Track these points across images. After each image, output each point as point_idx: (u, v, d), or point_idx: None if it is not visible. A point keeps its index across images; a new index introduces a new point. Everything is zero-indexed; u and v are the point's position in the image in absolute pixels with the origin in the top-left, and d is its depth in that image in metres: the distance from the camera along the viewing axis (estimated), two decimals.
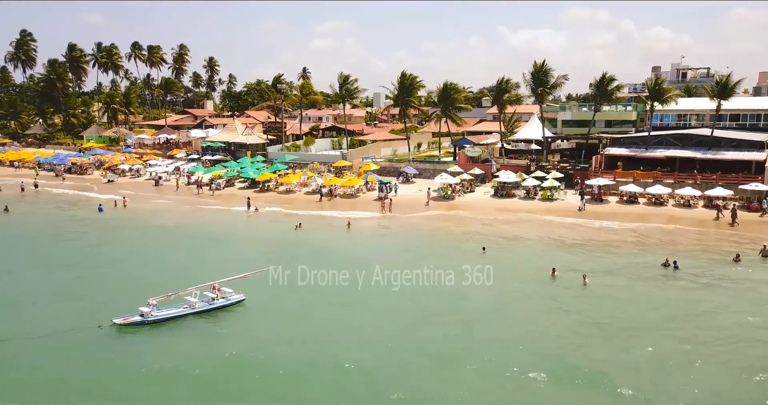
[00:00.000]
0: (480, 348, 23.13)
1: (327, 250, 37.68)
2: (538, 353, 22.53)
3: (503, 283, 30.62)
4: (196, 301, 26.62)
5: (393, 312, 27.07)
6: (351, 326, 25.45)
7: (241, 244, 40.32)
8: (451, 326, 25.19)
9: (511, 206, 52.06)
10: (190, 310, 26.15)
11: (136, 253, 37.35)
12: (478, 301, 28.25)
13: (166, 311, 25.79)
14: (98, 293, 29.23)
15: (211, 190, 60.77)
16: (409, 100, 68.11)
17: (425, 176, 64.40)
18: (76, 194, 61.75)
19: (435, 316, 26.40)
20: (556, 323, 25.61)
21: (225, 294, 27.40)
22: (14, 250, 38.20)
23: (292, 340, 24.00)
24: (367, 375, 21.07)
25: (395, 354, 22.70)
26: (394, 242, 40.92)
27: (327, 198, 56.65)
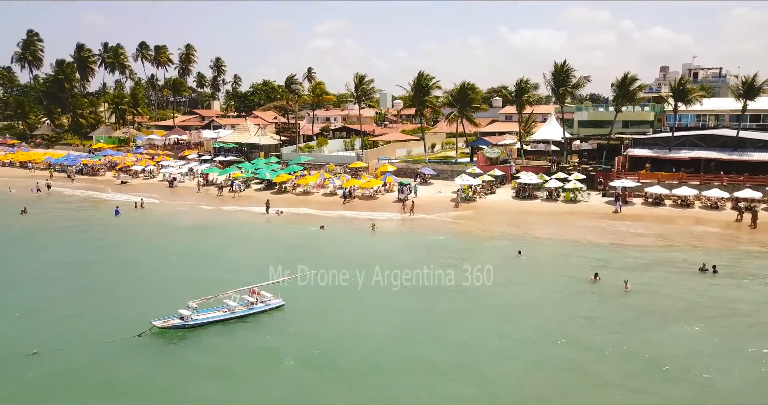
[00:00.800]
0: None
1: (357, 252, 36.99)
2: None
3: (547, 289, 29.96)
4: (236, 304, 25.86)
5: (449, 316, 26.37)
6: (396, 326, 24.78)
7: (268, 247, 39.38)
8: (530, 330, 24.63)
9: (535, 208, 51.39)
10: (230, 315, 25.37)
11: (162, 257, 36.51)
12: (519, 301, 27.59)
13: (206, 315, 25.04)
14: (130, 298, 28.41)
15: (234, 192, 59.84)
16: (425, 100, 67.31)
17: (442, 177, 63.75)
18: (90, 196, 60.96)
19: (508, 322, 25.68)
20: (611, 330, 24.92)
21: (264, 298, 26.67)
22: (38, 255, 37.22)
23: (346, 346, 23.27)
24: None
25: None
26: (423, 244, 40.03)
27: (348, 200, 55.93)
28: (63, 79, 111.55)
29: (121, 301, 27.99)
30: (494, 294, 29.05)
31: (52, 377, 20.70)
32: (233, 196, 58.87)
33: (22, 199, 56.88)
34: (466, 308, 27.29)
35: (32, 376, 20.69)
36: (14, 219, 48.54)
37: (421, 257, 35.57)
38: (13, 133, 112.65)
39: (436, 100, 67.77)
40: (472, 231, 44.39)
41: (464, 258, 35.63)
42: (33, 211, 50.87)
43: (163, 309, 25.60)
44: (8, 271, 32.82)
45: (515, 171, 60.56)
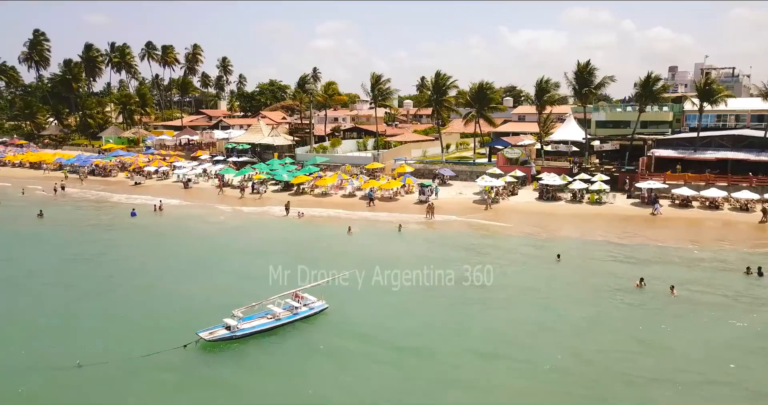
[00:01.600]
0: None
1: (389, 254, 36.07)
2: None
3: (592, 295, 29.07)
4: (281, 310, 24.92)
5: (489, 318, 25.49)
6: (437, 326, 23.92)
7: (299, 249, 38.28)
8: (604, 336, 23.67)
9: (561, 210, 50.49)
10: (276, 322, 24.41)
11: (196, 262, 35.15)
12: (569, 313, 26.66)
13: (251, 322, 24.07)
14: (169, 306, 27.43)
15: (258, 194, 58.71)
16: (443, 100, 66.36)
17: (461, 178, 62.84)
18: (104, 197, 59.97)
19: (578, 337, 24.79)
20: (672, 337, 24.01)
21: (308, 301, 25.75)
22: (66, 261, 36.12)
23: (403, 354, 22.45)
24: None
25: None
26: (454, 246, 39.14)
27: (372, 202, 54.96)
28: (71, 79, 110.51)
29: (159, 309, 26.99)
30: (546, 303, 28.15)
31: (99, 390, 19.79)
32: (257, 197, 57.78)
33: (36, 202, 55.94)
34: (522, 316, 26.42)
35: (78, 389, 19.81)
36: (32, 222, 47.56)
37: (457, 259, 34.67)
38: (20, 133, 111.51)
39: (455, 99, 66.55)
40: (502, 233, 43.40)
41: (501, 261, 34.76)
42: (49, 213, 49.87)
43: (205, 318, 24.71)
44: (41, 279, 31.66)
45: (536, 172, 59.67)
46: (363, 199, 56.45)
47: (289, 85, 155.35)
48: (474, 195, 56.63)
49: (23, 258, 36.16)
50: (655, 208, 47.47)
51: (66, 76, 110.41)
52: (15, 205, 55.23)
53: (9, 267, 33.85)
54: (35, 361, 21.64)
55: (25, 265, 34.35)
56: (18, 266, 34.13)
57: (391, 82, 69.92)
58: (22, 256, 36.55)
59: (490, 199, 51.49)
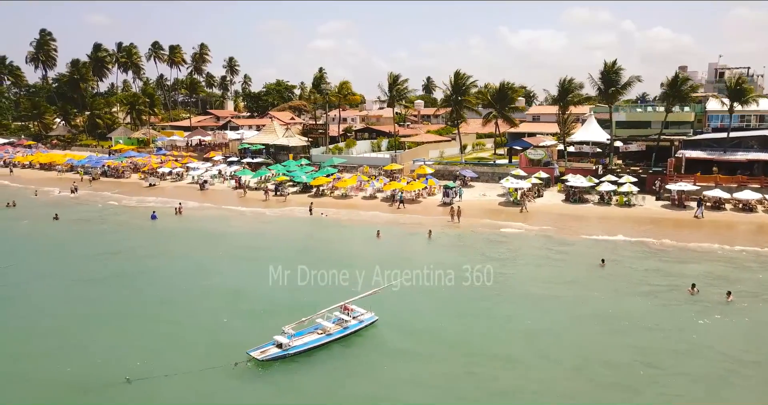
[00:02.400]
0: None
1: (430, 262, 34.63)
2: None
3: (651, 304, 27.73)
4: (331, 325, 23.53)
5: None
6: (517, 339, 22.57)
7: (330, 256, 36.77)
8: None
9: (589, 212, 49.14)
10: (327, 337, 23.02)
11: (230, 268, 33.65)
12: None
13: (302, 339, 22.65)
14: (213, 317, 26.01)
15: (283, 196, 57.12)
16: (463, 99, 64.96)
17: (482, 179, 61.47)
18: (120, 199, 58.44)
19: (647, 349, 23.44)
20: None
21: (357, 314, 24.36)
22: (92, 271, 34.62)
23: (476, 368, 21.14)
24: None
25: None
26: (495, 253, 37.69)
27: (390, 203, 53.58)
28: (79, 79, 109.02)
29: (204, 321, 25.63)
30: (597, 310, 26.81)
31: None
32: (282, 199, 56.16)
33: (50, 204, 54.52)
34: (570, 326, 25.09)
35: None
36: (50, 226, 46.16)
37: (500, 266, 33.30)
38: (28, 133, 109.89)
39: (475, 99, 65.23)
40: (538, 236, 41.91)
41: (547, 266, 33.45)
42: (66, 216, 48.53)
43: (250, 330, 23.40)
44: (76, 291, 30.12)
45: (559, 173, 58.34)
46: (385, 200, 55.11)
47: (296, 85, 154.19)
48: (498, 197, 55.28)
49: (52, 267, 34.52)
50: (699, 210, 46.08)
51: (74, 76, 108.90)
52: (32, 207, 53.85)
53: (37, 277, 32.37)
54: (82, 376, 20.46)
55: (56, 276, 32.83)
56: (50, 277, 32.57)
57: (408, 82, 68.24)
58: (49, 265, 34.96)
59: (525, 202, 49.84)
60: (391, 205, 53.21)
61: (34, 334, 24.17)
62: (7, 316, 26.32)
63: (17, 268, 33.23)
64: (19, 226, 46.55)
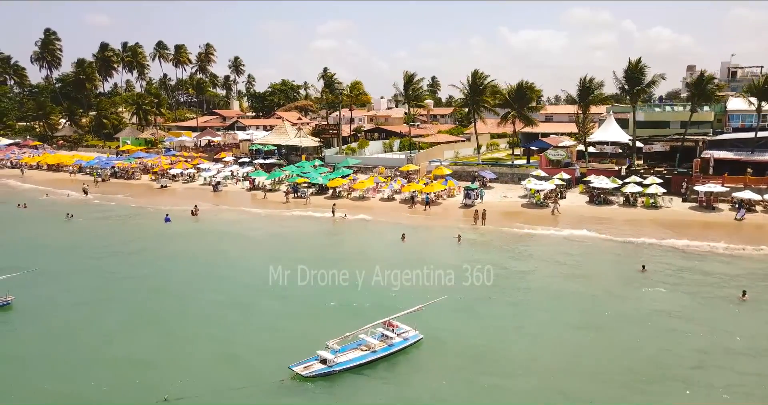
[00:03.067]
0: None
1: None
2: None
3: (707, 314, 26.31)
4: (375, 341, 22.06)
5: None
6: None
7: (359, 262, 34.98)
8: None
9: (616, 214, 47.68)
10: (373, 355, 21.54)
11: (257, 277, 31.54)
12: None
13: (347, 355, 21.21)
14: (246, 328, 24.63)
15: (304, 198, 55.27)
16: (481, 99, 63.46)
17: (501, 180, 60.00)
18: (132, 201, 56.96)
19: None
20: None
21: (401, 331, 22.85)
22: (113, 278, 33.17)
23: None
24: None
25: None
26: (531, 259, 36.22)
27: (410, 205, 52.16)
28: (84, 79, 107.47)
29: (237, 333, 24.23)
30: (659, 320, 25.38)
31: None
32: (305, 202, 54.44)
33: (63, 206, 53.05)
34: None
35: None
36: (63, 229, 44.77)
37: (541, 274, 31.90)
38: (33, 134, 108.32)
39: (493, 99, 63.67)
40: (570, 240, 40.39)
41: (589, 274, 32.03)
42: (79, 218, 47.19)
43: (290, 343, 21.97)
44: (99, 302, 28.64)
45: (580, 174, 56.94)
46: (403, 202, 53.70)
47: (301, 85, 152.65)
48: (520, 198, 53.86)
49: (78, 278, 32.81)
50: (740, 213, 44.63)
51: (80, 76, 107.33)
52: (46, 210, 52.45)
53: (63, 289, 30.82)
54: (118, 397, 19.10)
55: (77, 286, 31.38)
56: (73, 287, 31.10)
57: (424, 81, 66.65)
58: (74, 276, 33.22)
59: (557, 205, 48.27)
60: (410, 207, 51.80)
61: (65, 351, 22.71)
62: (36, 332, 24.85)
63: (42, 275, 31.37)
64: (33, 227, 45.09)
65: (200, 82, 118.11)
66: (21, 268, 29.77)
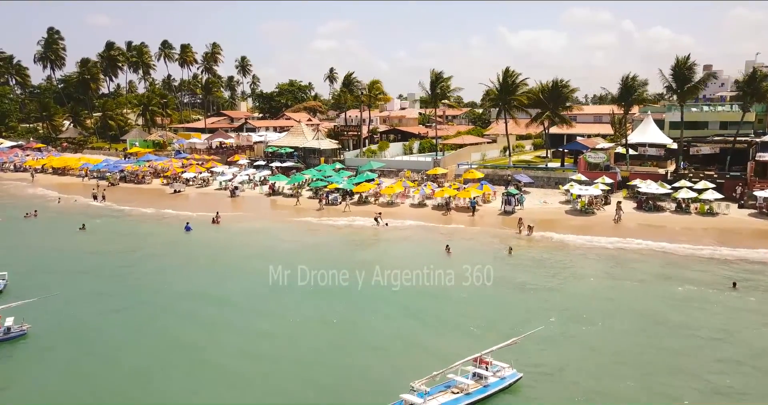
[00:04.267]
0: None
1: (538, 289, 29.54)
2: None
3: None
4: (468, 381, 18.37)
5: None
6: None
7: (414, 282, 31.05)
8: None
9: (671, 222, 44.10)
10: (467, 398, 17.93)
11: (312, 299, 27.95)
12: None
13: (436, 399, 17.54)
14: (327, 362, 20.94)
15: (345, 205, 50.91)
16: (512, 98, 59.81)
17: (537, 185, 56.32)
18: (146, 207, 53.00)
19: None
20: None
21: (496, 369, 19.16)
22: (138, 293, 29.56)
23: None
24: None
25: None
26: (626, 279, 32.33)
27: (444, 212, 48.46)
28: (89, 79, 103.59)
29: (318, 366, 20.48)
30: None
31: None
32: (345, 209, 50.22)
33: (75, 215, 49.26)
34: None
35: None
36: (80, 241, 40.93)
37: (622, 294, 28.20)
38: (37, 136, 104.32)
39: (525, 98, 60.06)
40: (639, 253, 36.56)
41: (685, 296, 28.33)
42: (93, 228, 43.60)
43: (367, 376, 18.25)
44: (138, 324, 25.17)
45: (621, 178, 53.35)
46: (436, 208, 50.03)
47: (309, 86, 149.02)
48: (561, 204, 50.21)
49: (90, 299, 29.08)
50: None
51: (84, 76, 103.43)
52: (57, 220, 48.60)
53: (84, 317, 27.02)
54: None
55: (100, 313, 27.52)
56: (95, 315, 27.23)
57: (452, 80, 62.99)
58: (88, 297, 29.50)
59: (619, 213, 44.35)
60: (445, 214, 48.09)
61: (85, 394, 18.94)
62: (54, 368, 21.09)
63: (61, 300, 27.25)
64: (46, 241, 41.13)
65: (209, 83, 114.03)
66: (37, 292, 26.02)
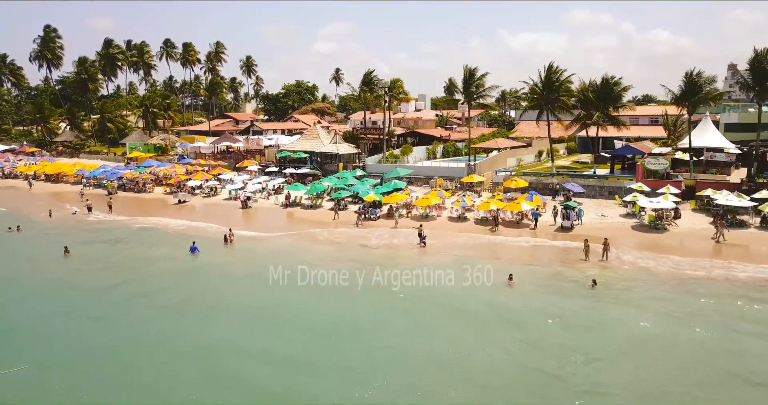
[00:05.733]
0: None
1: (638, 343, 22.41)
2: None
3: None
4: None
5: None
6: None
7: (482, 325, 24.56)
8: None
9: (764, 241, 36.97)
10: None
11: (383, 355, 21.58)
12: None
13: None
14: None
15: (395, 220, 43.34)
16: (557, 98, 52.74)
17: (587, 195, 49.26)
18: (144, 222, 45.93)
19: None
20: None
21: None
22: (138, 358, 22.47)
23: None
24: None
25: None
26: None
27: (492, 228, 41.36)
28: (86, 79, 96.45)
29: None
30: None
31: None
32: (394, 224, 42.60)
33: (62, 233, 42.15)
34: None
35: None
36: (57, 267, 33.66)
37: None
38: (31, 139, 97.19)
39: (568, 98, 53.07)
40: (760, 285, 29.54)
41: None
42: (81, 250, 36.31)
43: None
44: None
45: (684, 187, 46.31)
46: (480, 223, 43.02)
47: (316, 86, 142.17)
48: (621, 218, 43.23)
49: (76, 367, 22.07)
50: None
51: (81, 76, 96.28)
52: (41, 237, 41.43)
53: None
54: None
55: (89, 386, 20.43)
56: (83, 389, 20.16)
57: (487, 77, 55.69)
58: (72, 364, 22.45)
59: (722, 231, 36.77)
60: (493, 230, 40.98)
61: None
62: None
63: (38, 370, 20.10)
64: (22, 270, 33.76)
65: (214, 83, 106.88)
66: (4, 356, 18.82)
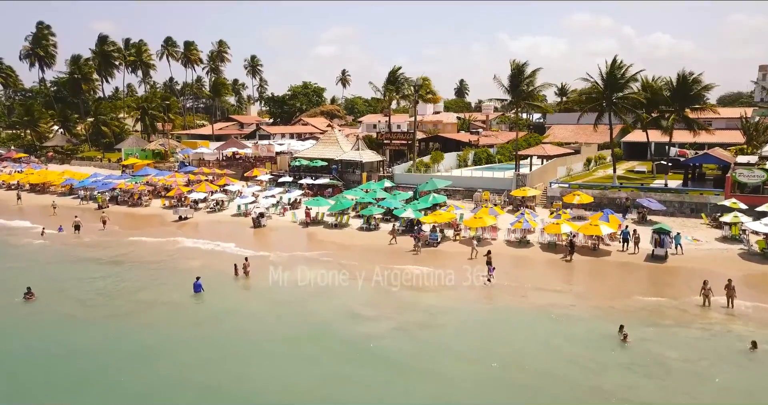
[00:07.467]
0: None
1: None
2: None
3: None
4: None
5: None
6: None
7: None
8: None
9: None
10: None
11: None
12: None
13: None
14: None
15: (473, 251, 32.85)
16: (625, 97, 44.40)
17: (666, 213, 40.95)
18: (137, 247, 37.43)
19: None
20: None
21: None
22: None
23: None
24: None
25: None
26: None
27: (566, 256, 32.93)
28: (80, 79, 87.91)
29: None
30: None
31: None
32: (471, 256, 32.82)
33: (36, 256, 33.58)
34: None
35: None
36: (14, 321, 25.09)
37: None
38: (20, 144, 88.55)
39: (639, 96, 44.66)
40: None
41: None
42: (49, 290, 27.63)
43: None
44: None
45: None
46: (547, 249, 34.61)
47: (325, 88, 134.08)
48: (718, 242, 34.90)
49: None
50: None
51: (74, 76, 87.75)
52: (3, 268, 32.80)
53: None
54: None
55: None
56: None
57: (539, 74, 47.11)
58: None
59: None
60: (568, 259, 32.57)
61: None
62: None
63: None
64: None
65: (218, 83, 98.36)
66: None
